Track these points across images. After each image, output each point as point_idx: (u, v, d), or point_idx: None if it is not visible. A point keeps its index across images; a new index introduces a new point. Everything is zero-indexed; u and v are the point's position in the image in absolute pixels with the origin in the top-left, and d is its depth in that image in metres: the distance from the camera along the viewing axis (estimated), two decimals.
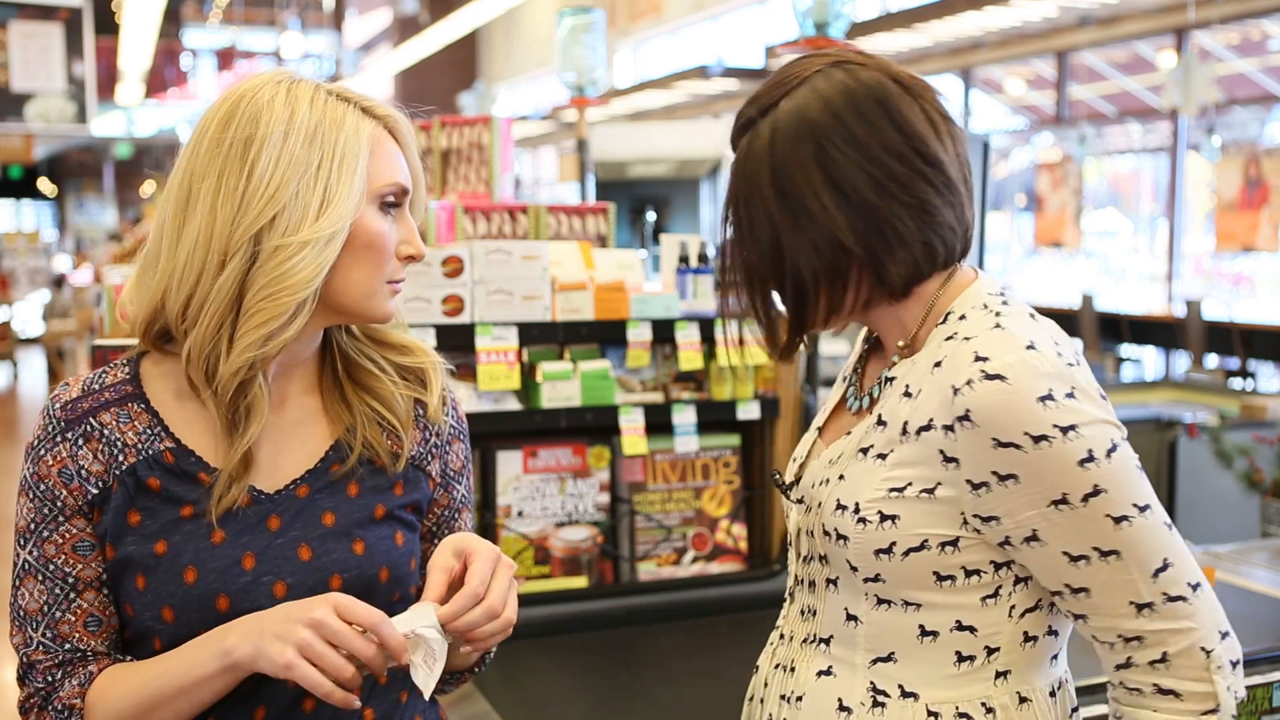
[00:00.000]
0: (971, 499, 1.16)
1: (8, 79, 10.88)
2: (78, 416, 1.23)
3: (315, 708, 1.24)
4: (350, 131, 1.22)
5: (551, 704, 1.99)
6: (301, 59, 22.55)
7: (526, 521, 2.36)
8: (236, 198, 1.18)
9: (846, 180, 1.19)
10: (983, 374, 1.13)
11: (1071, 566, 1.15)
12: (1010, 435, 1.12)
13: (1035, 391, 1.12)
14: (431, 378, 1.36)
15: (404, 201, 1.28)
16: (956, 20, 9.11)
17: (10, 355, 13.92)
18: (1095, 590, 1.15)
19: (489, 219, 2.64)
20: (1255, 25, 9.56)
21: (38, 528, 1.23)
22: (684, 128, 8.04)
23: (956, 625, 1.21)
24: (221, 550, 1.21)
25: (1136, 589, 1.14)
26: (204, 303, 1.19)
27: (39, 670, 1.22)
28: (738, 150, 1.26)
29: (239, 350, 1.18)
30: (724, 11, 13.60)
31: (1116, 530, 1.13)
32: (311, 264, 1.18)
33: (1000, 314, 1.20)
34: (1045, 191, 10.96)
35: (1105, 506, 1.13)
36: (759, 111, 1.24)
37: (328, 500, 1.27)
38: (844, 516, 1.21)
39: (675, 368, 2.47)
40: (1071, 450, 1.12)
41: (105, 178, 24.28)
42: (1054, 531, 1.14)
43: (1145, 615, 1.15)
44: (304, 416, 1.30)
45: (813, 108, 1.20)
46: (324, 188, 1.19)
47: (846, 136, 1.19)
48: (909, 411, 1.20)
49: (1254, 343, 8.30)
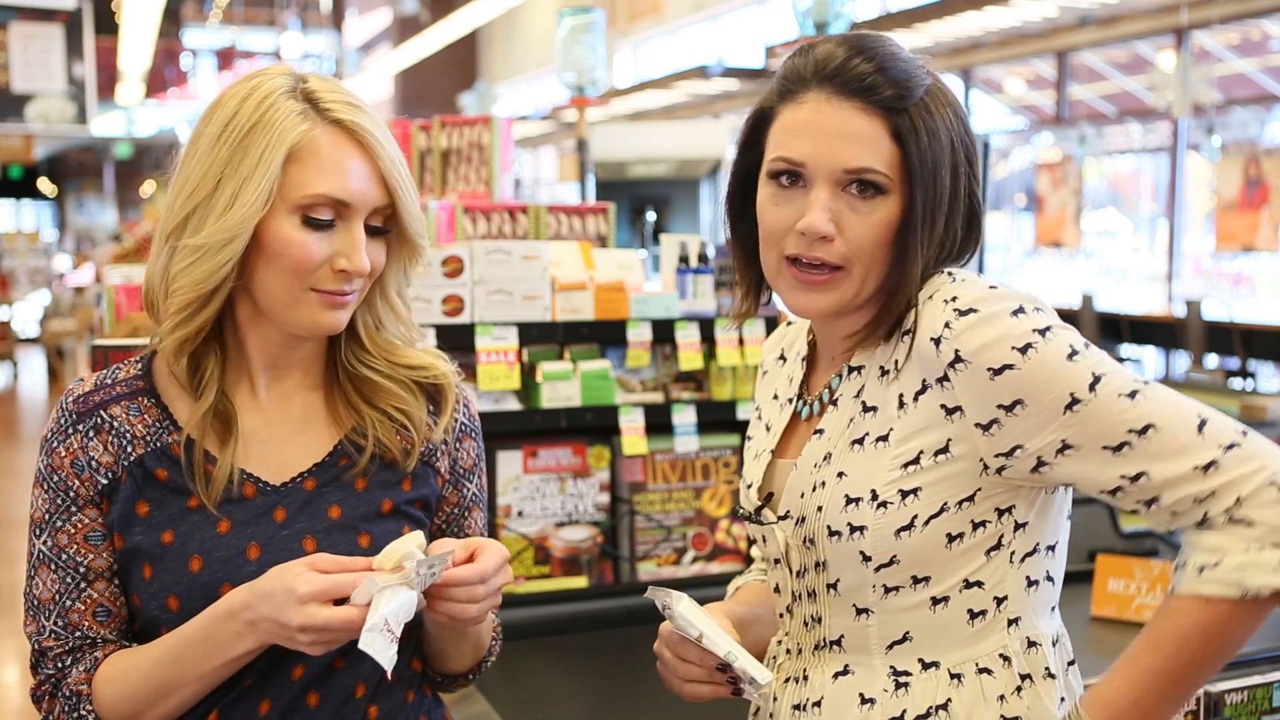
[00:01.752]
0: (985, 441, 1.16)
1: (8, 80, 10.89)
2: (89, 409, 1.26)
3: (319, 702, 1.25)
4: (275, 134, 1.19)
5: (551, 704, 1.99)
6: (301, 59, 22.55)
7: (526, 521, 2.36)
8: (175, 191, 1.23)
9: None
10: (956, 312, 1.16)
11: (1117, 457, 1.13)
12: (1000, 357, 1.13)
13: (1007, 309, 1.15)
14: (446, 394, 1.36)
15: (349, 214, 1.22)
16: (956, 20, 9.12)
17: (10, 355, 13.92)
18: (1153, 469, 1.13)
19: (489, 219, 2.64)
20: (1255, 25, 9.56)
21: (51, 518, 1.25)
22: (684, 128, 8.05)
23: (964, 584, 1.21)
24: (227, 540, 1.22)
25: (1193, 453, 1.12)
26: (151, 288, 1.26)
27: (50, 657, 1.24)
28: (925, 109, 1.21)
29: (165, 331, 1.25)
30: (724, 11, 13.59)
31: (1135, 405, 1.13)
32: (206, 265, 1.20)
33: (957, 275, 1.21)
34: (1045, 191, 10.96)
35: (1113, 386, 1.13)
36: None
37: (335, 494, 1.27)
38: (859, 508, 1.21)
39: (675, 368, 2.47)
40: (1057, 348, 1.14)
41: (105, 178, 24.28)
42: (1083, 433, 1.13)
43: (1214, 472, 1.12)
44: (310, 414, 1.31)
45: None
46: (233, 191, 1.19)
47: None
48: (898, 385, 1.20)
49: (1254, 343, 8.30)
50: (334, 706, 1.26)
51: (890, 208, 1.19)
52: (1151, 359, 9.91)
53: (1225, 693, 1.78)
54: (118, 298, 2.49)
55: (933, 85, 1.22)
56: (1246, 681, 1.81)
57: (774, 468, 1.34)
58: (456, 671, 1.40)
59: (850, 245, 1.19)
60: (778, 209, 1.22)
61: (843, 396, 1.26)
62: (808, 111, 1.20)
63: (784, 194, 1.22)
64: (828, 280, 1.21)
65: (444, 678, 1.41)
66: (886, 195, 1.19)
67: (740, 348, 2.44)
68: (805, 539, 1.26)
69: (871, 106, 1.18)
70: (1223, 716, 1.79)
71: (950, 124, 1.21)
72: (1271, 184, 8.74)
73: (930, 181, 1.18)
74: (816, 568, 1.26)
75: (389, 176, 1.24)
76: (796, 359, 1.38)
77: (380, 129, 1.25)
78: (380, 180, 1.24)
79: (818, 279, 1.21)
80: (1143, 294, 10.86)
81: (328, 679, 1.26)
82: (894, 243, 1.19)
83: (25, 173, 21.76)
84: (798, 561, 1.28)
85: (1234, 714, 1.79)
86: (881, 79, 1.19)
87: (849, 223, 1.19)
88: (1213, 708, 1.78)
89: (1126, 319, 9.34)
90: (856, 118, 1.18)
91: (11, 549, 6.59)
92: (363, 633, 1.09)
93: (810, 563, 1.27)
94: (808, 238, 1.19)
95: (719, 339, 2.45)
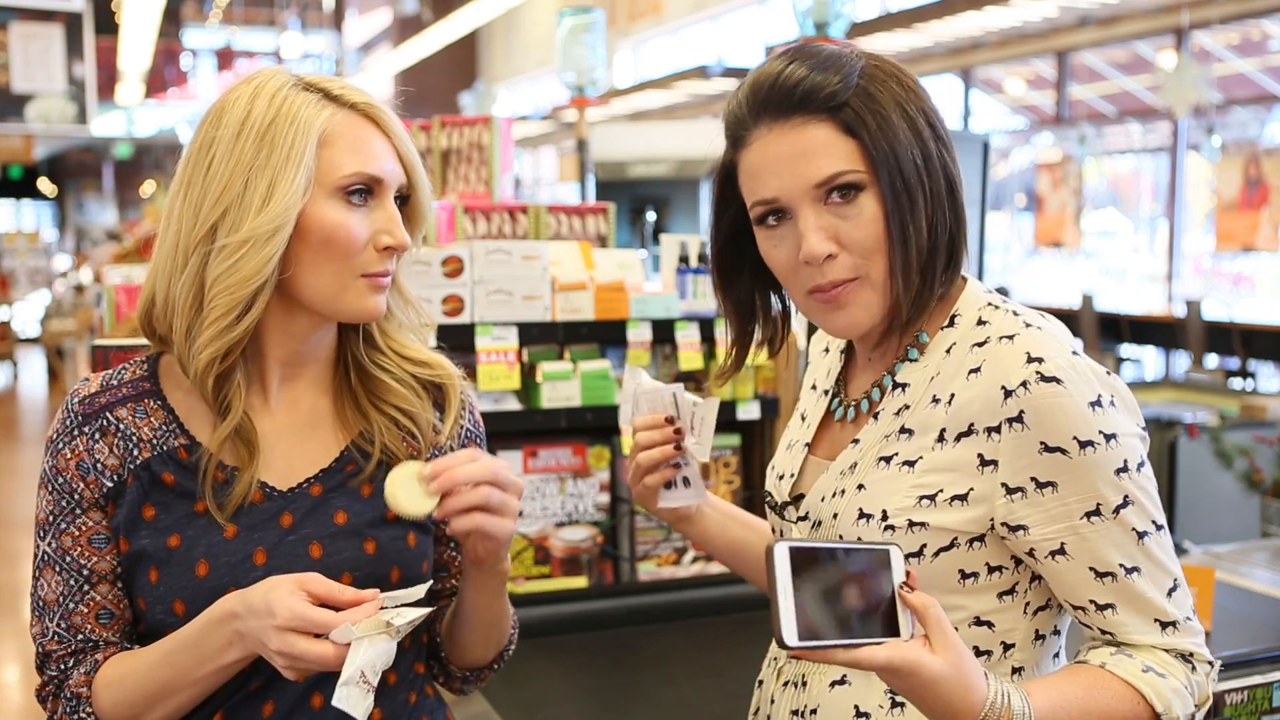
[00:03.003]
0: (1004, 505, 1.16)
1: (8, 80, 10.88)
2: (95, 411, 1.26)
3: (323, 705, 1.25)
4: (301, 123, 1.20)
5: (551, 704, 1.99)
6: (301, 59, 22.55)
7: (526, 521, 2.36)
8: (195, 200, 1.21)
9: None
10: (1038, 375, 1.13)
11: (1098, 583, 1.16)
12: (1059, 439, 1.13)
13: (1087, 396, 1.13)
14: (451, 395, 1.36)
15: (382, 190, 1.25)
16: (956, 20, 9.13)
17: (10, 355, 13.92)
18: (1122, 606, 1.16)
19: (489, 219, 2.64)
20: (1255, 25, 9.56)
21: (55, 520, 1.25)
22: (684, 128, 8.04)
23: (975, 620, 1.21)
24: (233, 545, 1.22)
25: (1160, 606, 1.16)
26: (172, 302, 1.23)
27: (53, 659, 1.25)
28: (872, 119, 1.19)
29: (200, 346, 1.21)
30: (724, 11, 13.60)
31: (1139, 545, 1.15)
32: (252, 260, 1.19)
33: (1019, 314, 1.20)
34: (1045, 191, 10.96)
35: (1132, 520, 1.14)
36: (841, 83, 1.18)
37: (340, 499, 1.28)
38: (869, 525, 1.20)
39: (675, 368, 2.47)
40: (1112, 458, 1.13)
41: (105, 178, 24.28)
42: (1082, 546, 1.15)
43: (1172, 631, 1.17)
44: (318, 419, 1.31)
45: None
46: (268, 184, 1.19)
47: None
48: (944, 418, 1.19)
49: (1254, 343, 8.31)
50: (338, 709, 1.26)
51: (872, 202, 1.17)
52: (1151, 359, 9.91)
53: (1225, 693, 1.78)
54: (118, 298, 2.49)
55: (866, 65, 1.19)
56: (1246, 681, 1.81)
57: (808, 465, 1.34)
58: (479, 663, 1.39)
59: (855, 253, 1.18)
60: (778, 250, 1.22)
61: (884, 411, 1.24)
62: (758, 149, 1.20)
63: (777, 234, 1.21)
64: (846, 291, 1.19)
65: (466, 673, 1.40)
66: (866, 190, 1.17)
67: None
68: None
69: (813, 113, 1.17)
70: (1223, 716, 1.79)
71: (897, 95, 1.18)
72: (1271, 184, 8.74)
73: (892, 161, 1.16)
74: None
75: (405, 154, 1.27)
76: (837, 351, 1.38)
77: (392, 113, 1.28)
78: (398, 158, 1.27)
79: (838, 294, 1.19)
80: (1143, 294, 10.87)
81: (331, 679, 1.25)
82: (889, 233, 1.18)
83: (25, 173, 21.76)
84: None
85: (1234, 714, 1.79)
86: (814, 79, 1.16)
87: (844, 232, 1.17)
88: (1213, 708, 1.78)
89: (1126, 319, 9.34)
90: (801, 132, 1.17)
91: (11, 549, 6.60)
92: (338, 687, 1.07)
93: None
94: (813, 265, 1.18)
95: (719, 339, 2.45)
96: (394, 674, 1.31)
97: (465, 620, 1.35)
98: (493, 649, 1.39)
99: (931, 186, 1.18)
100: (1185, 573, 2.15)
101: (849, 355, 1.36)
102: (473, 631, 1.35)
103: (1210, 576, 2.15)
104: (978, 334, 1.20)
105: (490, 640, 1.37)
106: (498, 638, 1.38)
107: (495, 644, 1.39)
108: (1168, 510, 4.08)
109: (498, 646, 1.39)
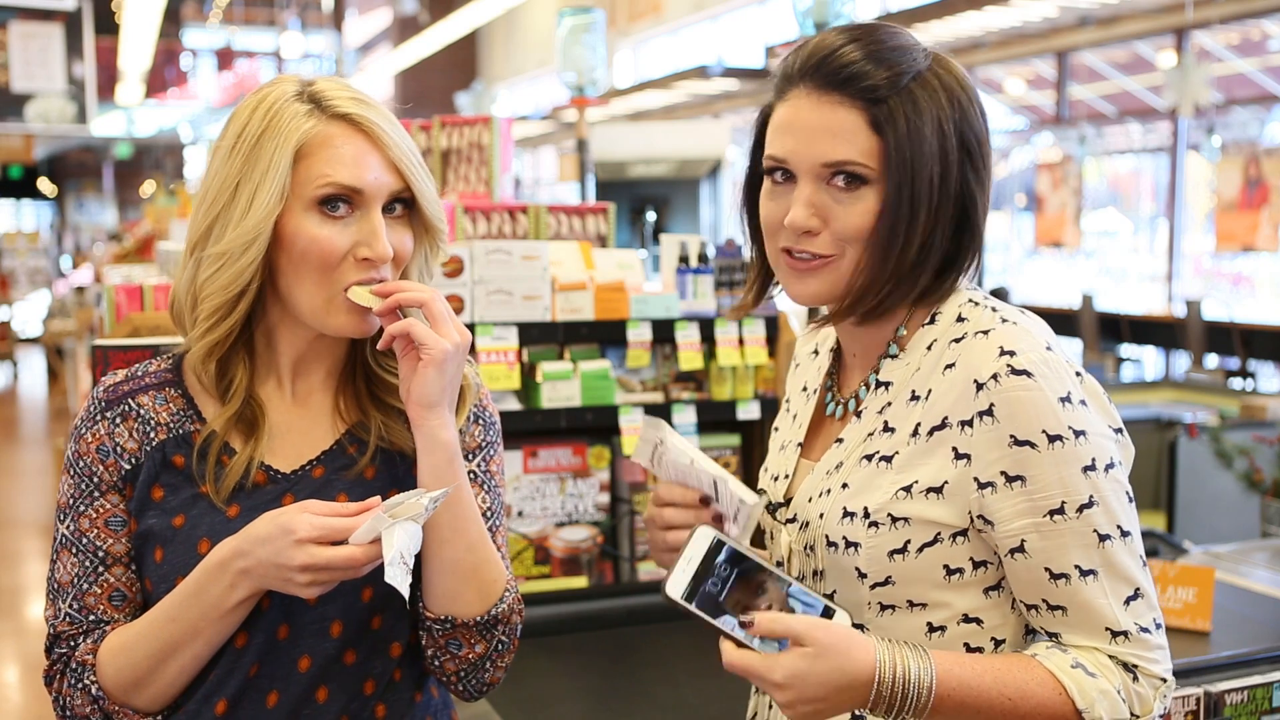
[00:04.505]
0: (977, 499, 1.17)
1: (8, 79, 10.87)
2: (118, 397, 1.30)
3: (328, 698, 1.26)
4: (282, 136, 1.22)
5: (551, 704, 1.99)
6: (301, 59, 22.55)
7: (526, 521, 2.36)
8: (197, 206, 1.27)
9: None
10: (1009, 368, 1.14)
11: (1050, 584, 1.16)
12: (1028, 433, 1.13)
13: (1058, 391, 1.14)
14: (466, 394, 1.36)
15: (363, 201, 1.23)
16: (956, 20, 9.11)
17: (10, 355, 13.92)
18: (1073, 610, 1.16)
19: (489, 219, 2.64)
20: (1255, 25, 9.56)
21: (75, 502, 1.28)
22: (684, 128, 8.05)
23: (963, 618, 1.21)
24: (236, 524, 1.23)
25: (1113, 614, 1.15)
26: (179, 299, 1.30)
27: (63, 640, 1.27)
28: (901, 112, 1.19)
29: (193, 339, 1.28)
30: (724, 11, 13.59)
31: (1099, 548, 1.15)
32: (229, 270, 1.23)
33: (998, 309, 1.22)
34: (1045, 191, 10.95)
35: (1096, 521, 1.14)
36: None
37: (342, 482, 1.29)
38: (853, 523, 1.21)
39: (675, 368, 2.47)
40: (1080, 454, 1.13)
41: (105, 178, 24.27)
42: (1041, 544, 1.15)
43: (1122, 641, 1.16)
44: (325, 411, 1.34)
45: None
46: (249, 197, 1.22)
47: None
48: (920, 414, 1.20)
49: (1254, 343, 8.30)
50: (342, 703, 1.27)
51: (873, 197, 1.18)
52: (1151, 359, 9.91)
53: (1225, 693, 1.78)
54: (118, 298, 2.49)
55: (926, 72, 1.20)
56: (1246, 681, 1.81)
57: (801, 467, 1.34)
58: (466, 616, 1.27)
59: (836, 235, 1.20)
60: (771, 204, 1.25)
61: (867, 410, 1.26)
62: (791, 109, 1.22)
63: (777, 190, 1.24)
64: (818, 266, 1.22)
65: (453, 628, 1.28)
66: (870, 185, 1.18)
67: (740, 348, 2.44)
68: (806, 545, 1.27)
69: (850, 98, 1.18)
70: (1223, 716, 1.79)
71: (942, 111, 1.19)
72: (1271, 184, 8.74)
73: (907, 170, 1.17)
74: (814, 576, 1.26)
75: (400, 163, 1.25)
76: (827, 352, 1.39)
77: (386, 120, 1.26)
78: (392, 168, 1.25)
79: (809, 265, 1.22)
80: (1143, 294, 10.86)
81: (337, 673, 1.26)
82: (876, 231, 1.19)
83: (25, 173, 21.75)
84: (797, 567, 1.28)
85: (1234, 714, 1.79)
86: (865, 67, 1.18)
87: (834, 214, 1.20)
88: (1213, 708, 1.78)
89: (1126, 319, 9.34)
90: (834, 111, 1.18)
91: (12, 549, 6.59)
92: (385, 567, 1.11)
93: (809, 570, 1.27)
94: (794, 231, 1.21)
95: (719, 339, 2.45)
96: (399, 671, 1.32)
97: (436, 536, 1.25)
98: (477, 602, 1.27)
99: (939, 204, 1.19)
100: (1185, 573, 2.16)
101: (838, 356, 1.37)
102: (452, 580, 1.26)
103: (1210, 576, 2.15)
104: (956, 330, 1.22)
105: (471, 591, 1.27)
106: (480, 592, 1.27)
107: (479, 598, 1.27)
108: (1168, 510, 4.08)
109: (482, 602, 1.28)
